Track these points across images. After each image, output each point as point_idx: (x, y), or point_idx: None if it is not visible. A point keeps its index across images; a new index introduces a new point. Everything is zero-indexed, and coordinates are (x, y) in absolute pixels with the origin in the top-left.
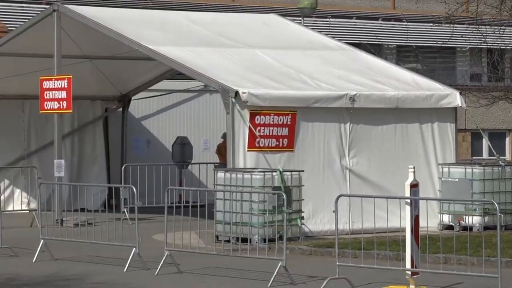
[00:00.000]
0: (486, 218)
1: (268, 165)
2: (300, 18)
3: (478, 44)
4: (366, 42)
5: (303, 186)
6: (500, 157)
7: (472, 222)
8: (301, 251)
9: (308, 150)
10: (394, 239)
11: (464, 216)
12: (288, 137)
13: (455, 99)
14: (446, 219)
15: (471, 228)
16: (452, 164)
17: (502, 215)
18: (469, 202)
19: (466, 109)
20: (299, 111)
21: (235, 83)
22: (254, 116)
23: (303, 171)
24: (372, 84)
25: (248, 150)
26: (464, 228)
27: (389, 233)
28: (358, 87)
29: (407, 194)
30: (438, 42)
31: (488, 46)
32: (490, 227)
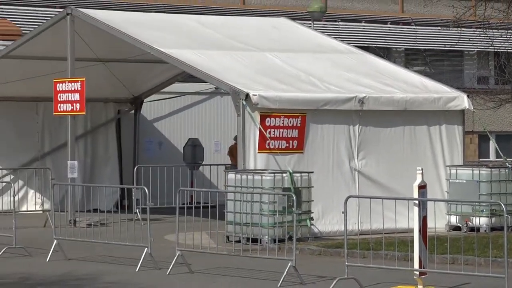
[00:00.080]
0: (493, 219)
1: (278, 167)
2: (310, 22)
3: (486, 47)
4: (375, 45)
5: (313, 187)
6: (507, 159)
7: (479, 223)
8: (310, 251)
9: (317, 151)
10: (402, 240)
11: (472, 217)
12: (298, 139)
13: (463, 101)
14: (454, 220)
15: (478, 229)
16: (459, 166)
17: (509, 216)
18: (476, 204)
19: (473, 111)
20: (309, 113)
21: (246, 85)
22: (265, 118)
23: (312, 172)
24: (381, 86)
25: (258, 152)
26: (472, 229)
27: (397, 233)
28: (367, 89)
29: (415, 195)
30: (446, 46)
31: (495, 50)
32: (497, 228)
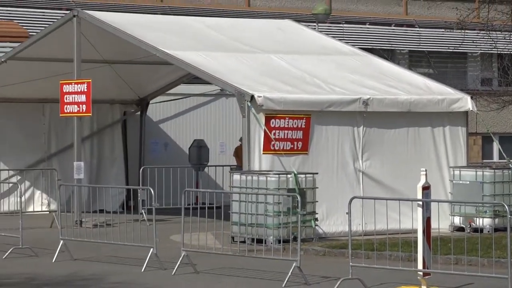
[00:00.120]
0: (497, 220)
1: (283, 168)
2: (315, 24)
3: (489, 49)
4: (379, 47)
5: (317, 188)
6: (510, 160)
7: (483, 224)
8: (315, 252)
9: (322, 153)
10: (406, 241)
11: (475, 218)
12: (303, 140)
13: (466, 103)
14: (457, 221)
15: (481, 230)
16: (463, 167)
17: None
18: (479, 205)
19: (477, 113)
20: (314, 115)
21: (251, 87)
22: (270, 119)
23: (317, 173)
24: (385, 88)
25: (263, 153)
26: (475, 230)
27: (401, 234)
28: (371, 91)
29: (419, 196)
30: (450, 48)
31: (499, 52)
32: (500, 229)
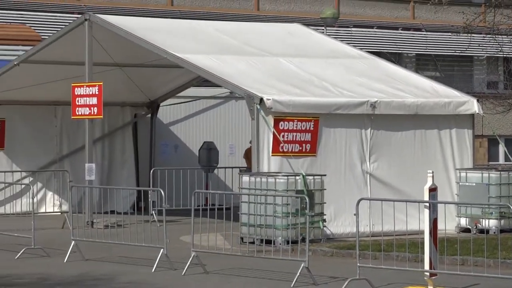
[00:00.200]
0: (502, 221)
1: (292, 170)
2: (323, 28)
3: (495, 53)
4: (387, 51)
5: (325, 189)
6: None
7: (489, 225)
8: (323, 252)
9: (330, 155)
10: (413, 242)
11: (481, 219)
12: (311, 142)
13: (473, 106)
14: (464, 222)
15: (487, 231)
16: (469, 169)
17: None
18: (485, 206)
19: (483, 115)
20: (322, 117)
21: (260, 90)
22: (278, 122)
23: (325, 175)
24: (392, 91)
25: (272, 155)
26: (481, 231)
27: (408, 235)
28: (379, 94)
29: (426, 198)
30: (456, 51)
31: (505, 55)
32: (506, 230)
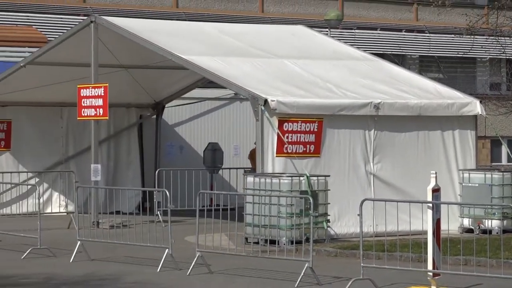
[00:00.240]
0: (505, 221)
1: (296, 170)
2: (327, 30)
3: (498, 54)
4: (390, 52)
5: (329, 190)
6: None
7: (491, 225)
8: (327, 252)
9: (334, 156)
10: (416, 242)
11: (484, 219)
12: (315, 143)
13: (475, 107)
14: (467, 222)
15: (490, 232)
16: (472, 170)
17: None
18: (488, 207)
19: (486, 117)
20: (326, 119)
21: (265, 91)
22: (283, 123)
23: (329, 176)
24: (396, 92)
25: (276, 156)
26: (484, 231)
27: (411, 235)
28: (382, 95)
29: (429, 198)
30: (459, 53)
31: (507, 57)
32: (509, 231)
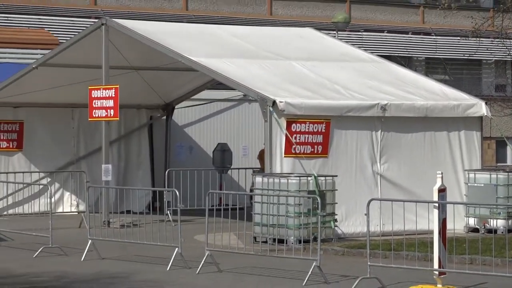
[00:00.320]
0: (510, 221)
1: (304, 171)
2: (335, 32)
3: (503, 56)
4: (397, 54)
5: (337, 190)
6: None
7: (497, 225)
8: (334, 251)
9: (341, 156)
10: (423, 241)
11: (489, 219)
12: (323, 144)
13: (481, 108)
14: (472, 222)
15: (495, 231)
16: (478, 170)
17: None
18: (494, 206)
19: (491, 118)
20: (333, 120)
21: (273, 93)
22: (291, 124)
23: (336, 176)
24: (402, 94)
25: (284, 156)
26: (489, 231)
27: (417, 235)
28: (389, 97)
29: (435, 198)
30: (465, 55)
31: None
32: None
